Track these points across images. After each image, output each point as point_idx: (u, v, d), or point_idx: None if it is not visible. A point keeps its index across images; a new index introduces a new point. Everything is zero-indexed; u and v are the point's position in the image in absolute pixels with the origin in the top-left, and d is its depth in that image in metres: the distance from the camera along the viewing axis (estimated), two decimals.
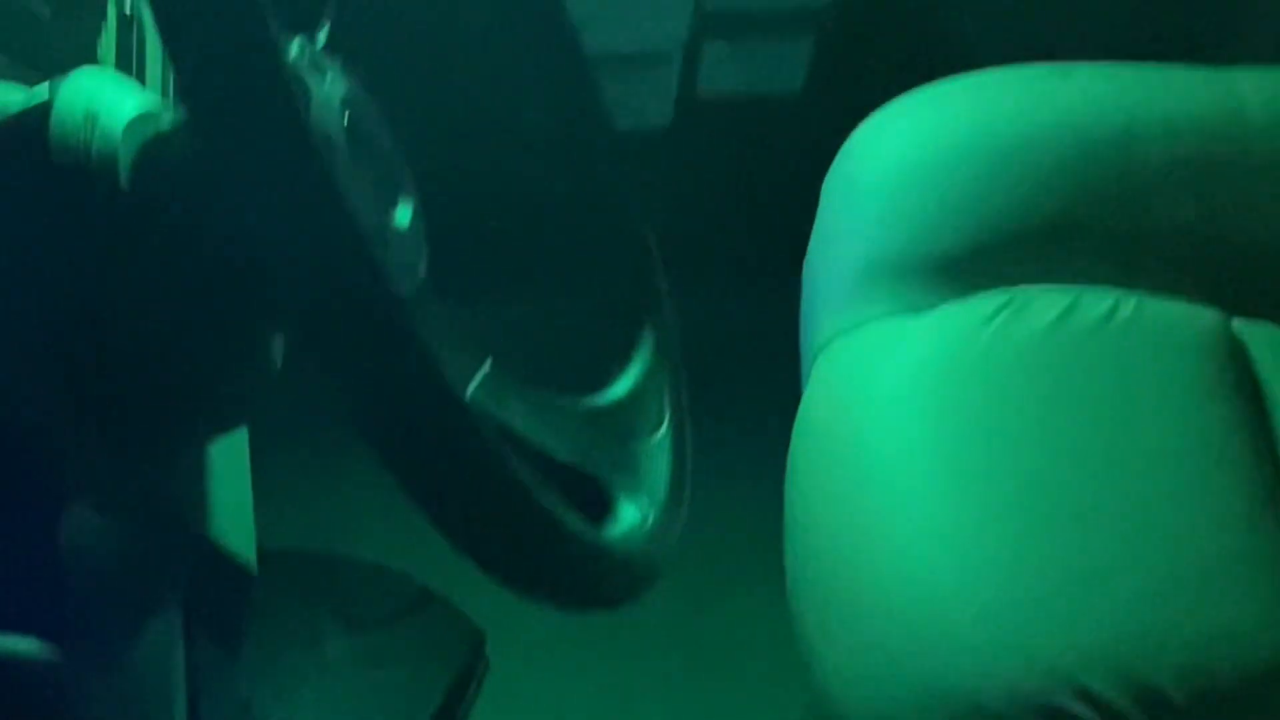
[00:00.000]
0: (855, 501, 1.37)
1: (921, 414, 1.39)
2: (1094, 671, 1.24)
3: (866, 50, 1.90)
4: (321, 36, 1.00)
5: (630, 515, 1.05)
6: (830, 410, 1.44)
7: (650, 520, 1.06)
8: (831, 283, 1.49)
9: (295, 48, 0.96)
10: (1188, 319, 1.43)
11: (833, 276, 1.49)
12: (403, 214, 1.00)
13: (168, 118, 0.93)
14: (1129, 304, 1.42)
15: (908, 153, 1.50)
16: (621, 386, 1.13)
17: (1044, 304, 1.42)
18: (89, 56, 1.05)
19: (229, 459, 1.13)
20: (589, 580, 0.97)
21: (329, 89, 0.96)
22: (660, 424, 1.13)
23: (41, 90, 0.92)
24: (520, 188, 1.17)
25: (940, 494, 1.34)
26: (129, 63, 1.06)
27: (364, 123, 0.98)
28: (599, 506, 1.04)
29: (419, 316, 0.90)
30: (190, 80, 0.79)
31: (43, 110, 0.91)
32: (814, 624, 1.37)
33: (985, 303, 1.43)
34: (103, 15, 1.07)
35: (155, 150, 0.92)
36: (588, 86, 1.15)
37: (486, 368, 0.98)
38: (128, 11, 1.08)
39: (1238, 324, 1.44)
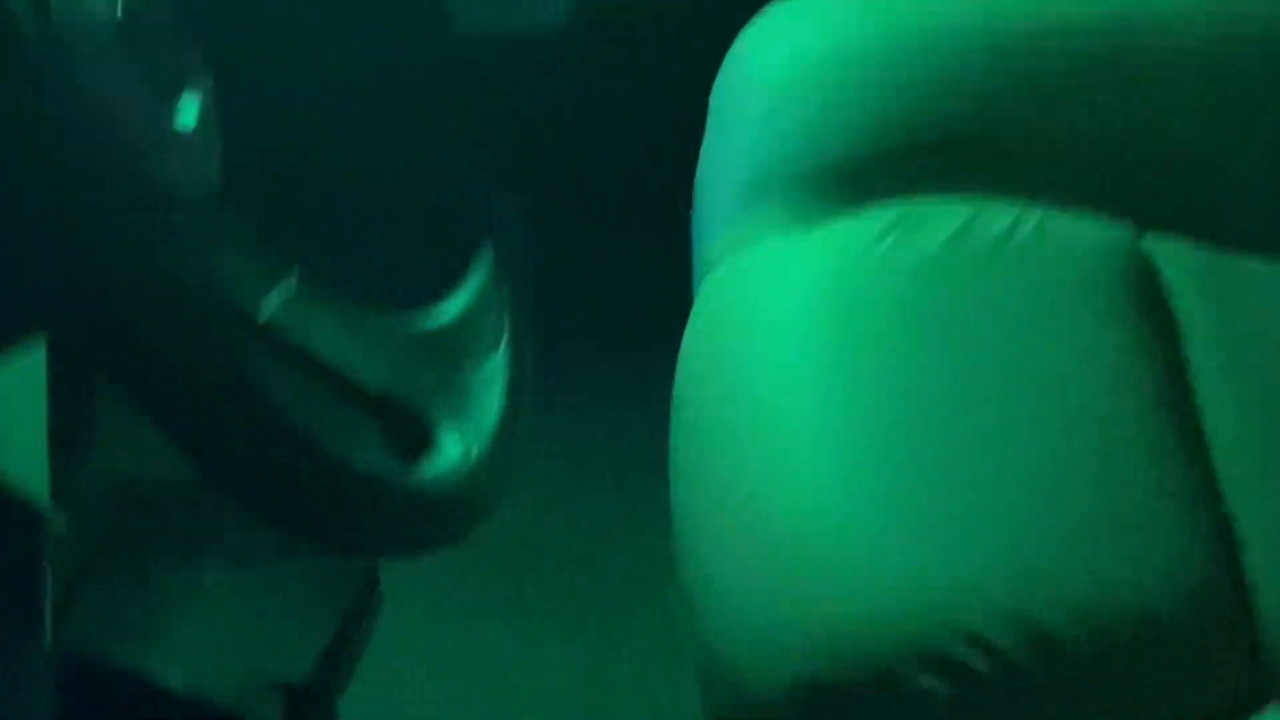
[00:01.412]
0: (739, 436, 1.30)
1: (808, 341, 1.31)
2: (985, 614, 1.17)
3: None
4: None
5: (452, 449, 0.97)
6: (714, 337, 1.36)
7: (474, 454, 0.98)
8: (719, 198, 1.41)
9: None
10: (1094, 235, 1.35)
11: (720, 191, 1.41)
12: (188, 112, 0.91)
13: None
14: (1031, 219, 1.34)
15: (797, 55, 1.42)
16: (450, 308, 1.05)
17: (940, 219, 1.34)
18: None
19: (21, 382, 1.04)
20: (394, 524, 0.90)
21: None
22: (494, 350, 1.05)
23: None
24: (345, 84, 1.08)
25: (827, 427, 1.27)
26: None
27: (147, 14, 0.89)
28: (416, 440, 0.96)
29: (205, 227, 0.82)
30: None
31: None
32: (696, 566, 1.29)
33: (878, 217, 1.35)
34: None
35: None
36: None
37: (290, 284, 0.90)
38: None
39: (1149, 240, 1.36)
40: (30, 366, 1.07)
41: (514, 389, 1.04)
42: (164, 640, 1.56)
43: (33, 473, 1.03)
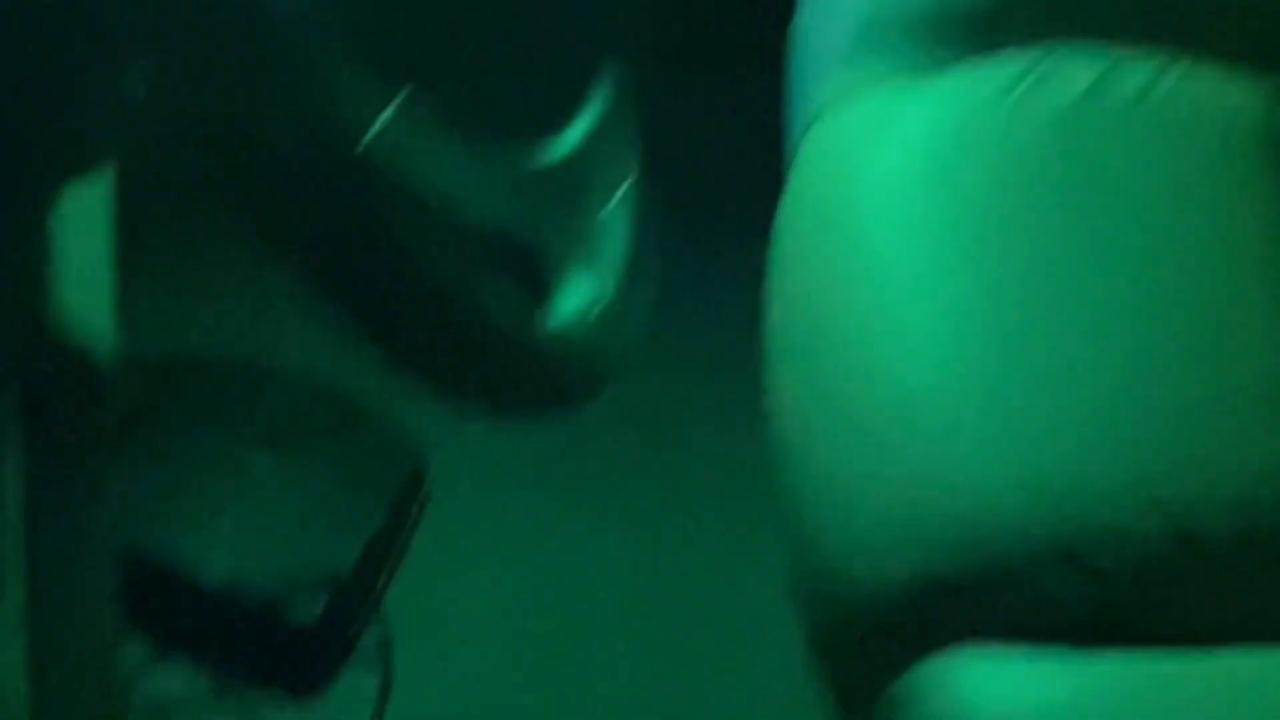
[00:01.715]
0: (843, 302, 1.21)
1: (923, 198, 1.22)
2: (1121, 506, 1.10)
3: None
4: None
5: (578, 296, 0.86)
6: (817, 194, 1.27)
7: (602, 302, 0.87)
8: (824, 45, 1.31)
9: None
10: (1234, 97, 1.26)
11: (825, 37, 1.31)
12: None
13: None
14: (1170, 76, 1.26)
15: None
16: (570, 139, 0.94)
17: (1073, 71, 1.24)
18: None
19: (85, 226, 0.93)
20: (526, 379, 0.79)
21: None
22: (618, 187, 0.94)
23: None
24: None
25: (942, 295, 1.18)
26: None
27: None
28: (539, 286, 0.86)
29: (310, 44, 0.72)
30: None
31: None
32: (798, 454, 1.20)
33: (1006, 66, 1.26)
34: None
35: None
36: None
37: (398, 106, 0.79)
38: None
39: None
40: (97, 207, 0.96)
41: (641, 229, 0.93)
42: (203, 531, 1.46)
43: (99, 325, 0.92)
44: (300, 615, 1.51)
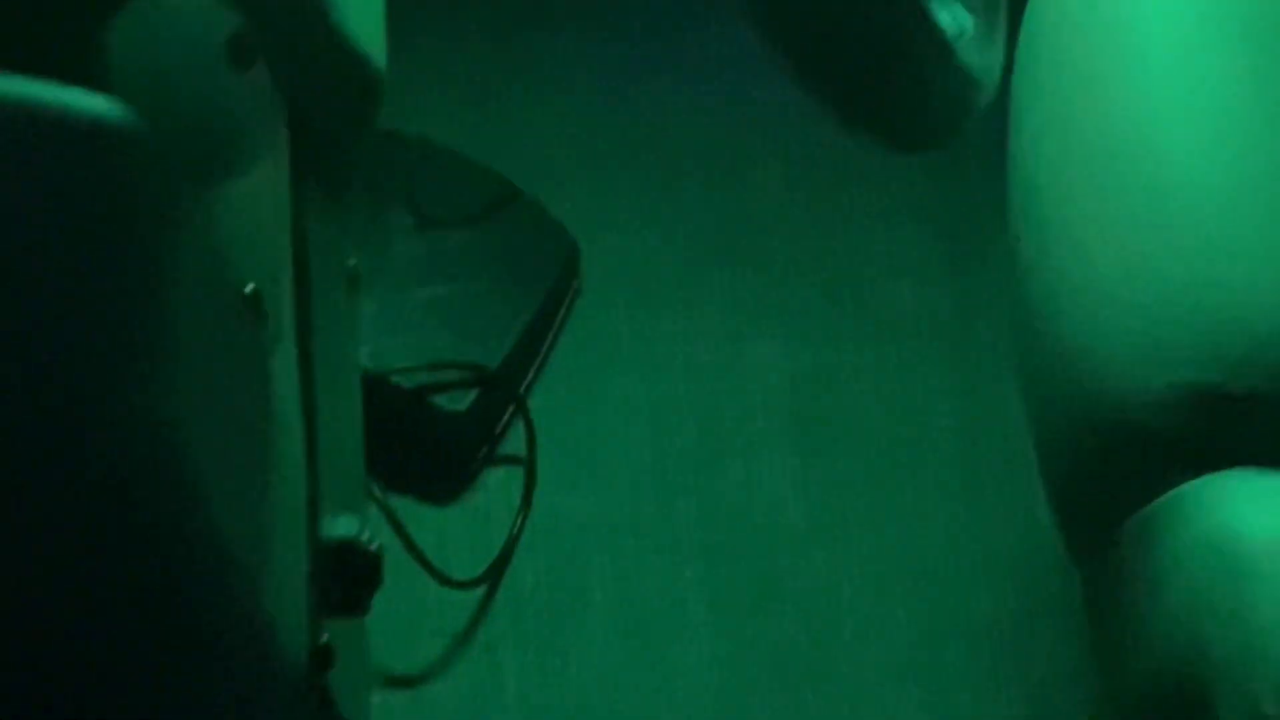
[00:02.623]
0: (1105, 77, 1.10)
1: None
2: None
3: None
4: None
5: (948, 22, 0.79)
6: None
7: (969, 30, 0.80)
8: None
9: None
10: None
11: None
12: None
13: None
14: None
15: None
16: None
17: None
18: None
19: None
20: (934, 103, 0.72)
21: None
22: None
23: None
24: None
25: (1216, 70, 1.07)
26: None
27: None
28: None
29: None
30: None
31: None
32: (1044, 239, 1.10)
33: None
34: None
35: None
36: None
37: None
38: None
39: None
40: None
41: None
42: None
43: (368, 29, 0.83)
44: (448, 405, 1.44)
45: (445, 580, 1.40)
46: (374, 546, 0.86)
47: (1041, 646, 1.45)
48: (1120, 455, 1.07)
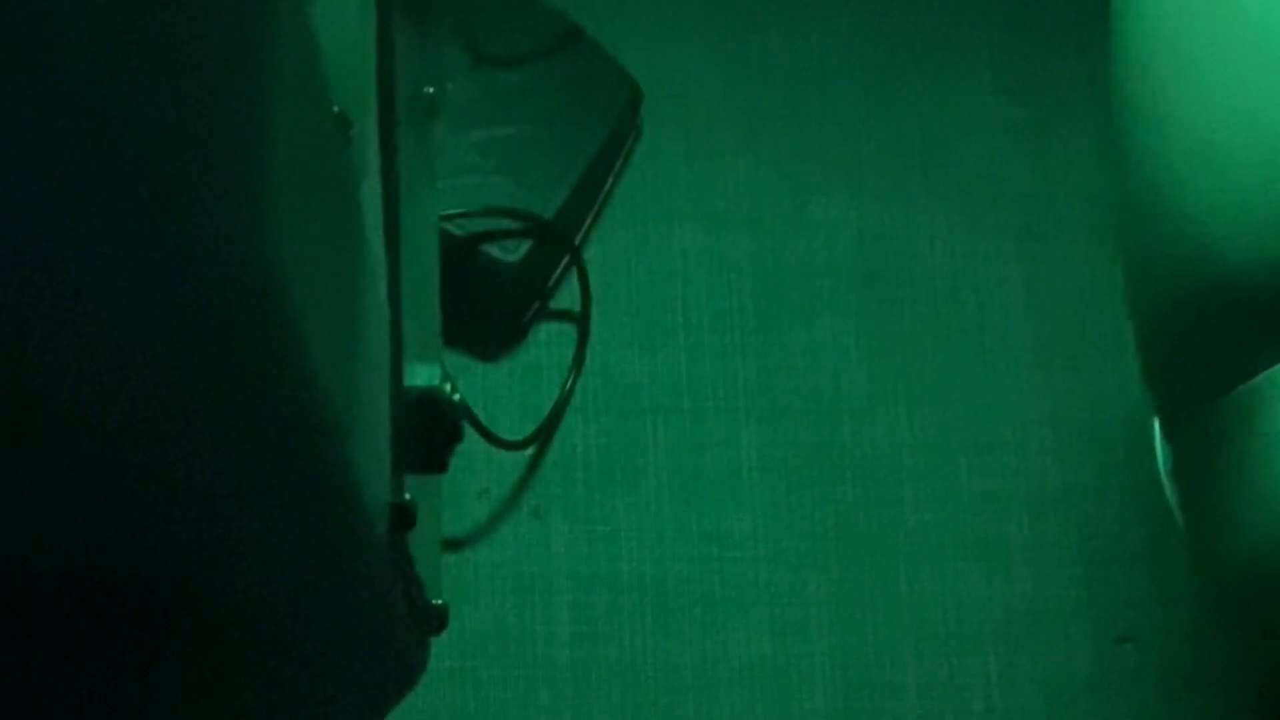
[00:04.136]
0: None
1: None
2: None
3: None
4: None
5: None
6: None
7: None
8: None
9: None
10: None
11: None
12: None
13: None
14: None
15: None
16: None
17: None
18: None
19: None
20: None
21: None
22: None
23: None
24: None
25: None
26: None
27: None
28: None
29: None
30: None
31: None
32: (1158, 85, 1.03)
33: None
34: None
35: None
36: None
37: None
38: None
39: None
40: None
41: None
42: None
43: None
44: (501, 255, 1.38)
45: (493, 440, 1.34)
46: (456, 397, 0.80)
47: (1106, 523, 1.40)
48: (1224, 326, 1.01)
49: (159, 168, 0.49)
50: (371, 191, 0.73)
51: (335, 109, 0.66)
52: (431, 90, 0.87)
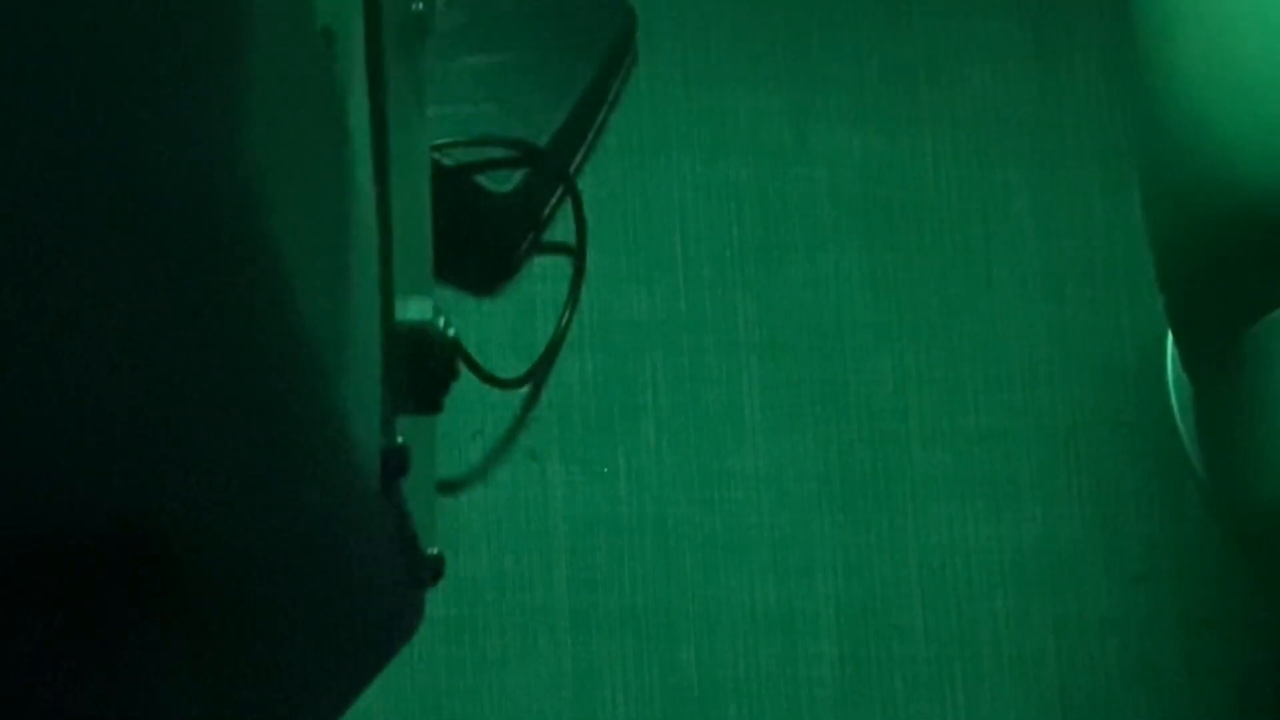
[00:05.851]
0: None
1: None
2: None
3: None
4: None
5: None
6: None
7: None
8: None
9: None
10: None
11: None
12: None
13: None
14: None
15: None
16: None
17: None
18: None
19: None
20: None
21: None
22: None
23: None
24: None
25: None
26: None
27: None
28: None
29: None
30: None
31: None
32: (1182, 19, 0.99)
33: None
34: None
35: None
36: None
37: None
38: None
39: None
40: None
41: None
42: None
43: None
44: (493, 185, 1.33)
45: (487, 377, 1.30)
46: (451, 333, 0.75)
47: (1117, 460, 1.37)
48: (1251, 249, 0.98)
49: (131, 70, 0.45)
50: (358, 114, 0.68)
51: (319, 24, 0.61)
52: (421, 6, 0.82)
